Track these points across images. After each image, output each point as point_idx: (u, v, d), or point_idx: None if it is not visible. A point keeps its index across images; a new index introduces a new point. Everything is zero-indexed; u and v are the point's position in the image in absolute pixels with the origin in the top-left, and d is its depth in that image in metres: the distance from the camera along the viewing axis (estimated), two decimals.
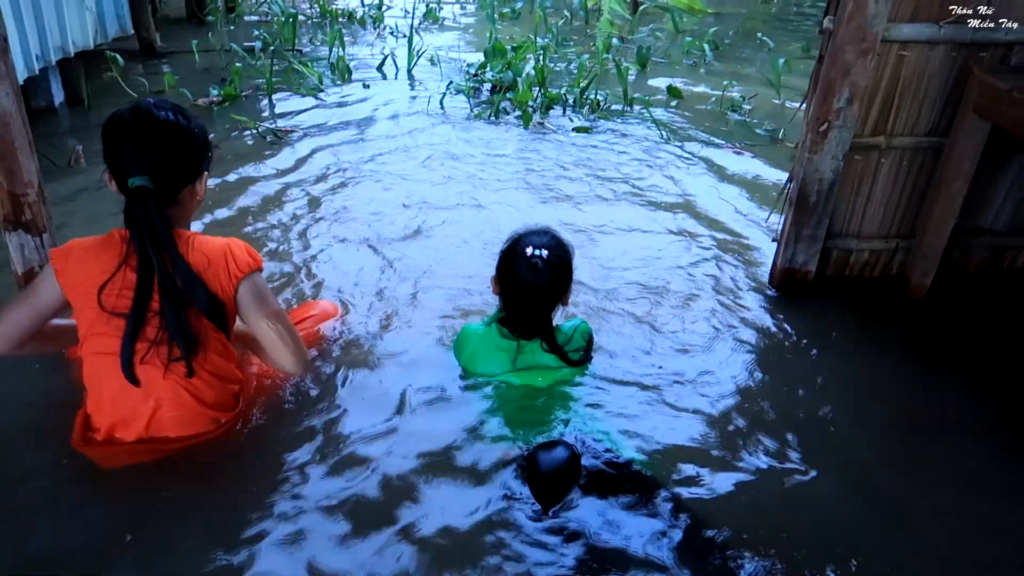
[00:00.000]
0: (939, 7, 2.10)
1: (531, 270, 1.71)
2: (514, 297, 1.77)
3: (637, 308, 2.26)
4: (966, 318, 2.30)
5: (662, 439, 1.72)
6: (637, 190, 3.04)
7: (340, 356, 1.94)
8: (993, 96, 2.00)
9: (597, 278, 2.40)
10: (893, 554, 1.50)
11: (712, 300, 2.32)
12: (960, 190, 2.20)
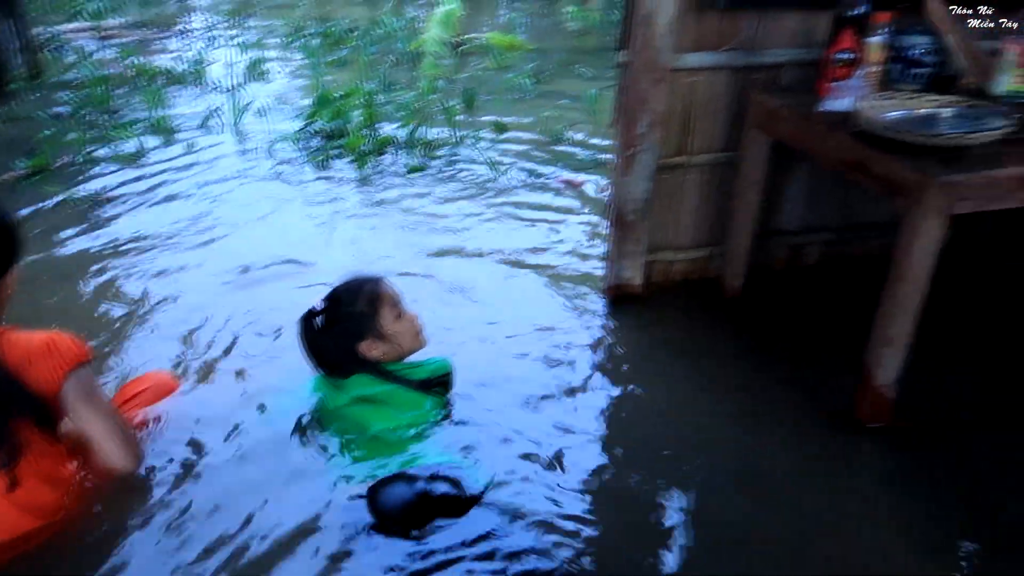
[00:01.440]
0: (717, 37, 2.34)
1: (304, 322, 1.88)
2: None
3: (478, 333, 2.36)
4: (774, 310, 2.56)
5: (506, 460, 1.81)
6: (472, 223, 3.15)
7: (179, 433, 1.89)
8: (768, 113, 2.26)
9: (440, 307, 2.47)
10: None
11: (550, 319, 2.46)
12: (754, 198, 2.45)
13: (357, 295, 1.92)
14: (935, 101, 1.99)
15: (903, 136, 1.80)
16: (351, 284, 1.95)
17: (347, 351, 1.90)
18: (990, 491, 1.85)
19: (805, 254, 2.79)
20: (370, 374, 1.92)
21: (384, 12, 6.75)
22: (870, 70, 2.12)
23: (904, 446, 1.97)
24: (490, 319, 2.47)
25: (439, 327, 2.32)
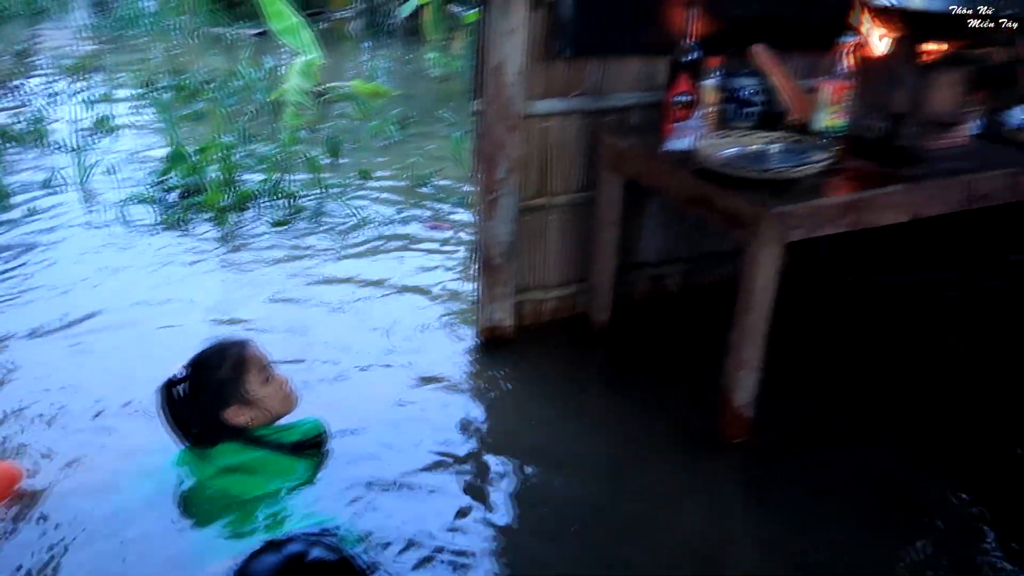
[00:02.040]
0: (566, 84, 2.44)
1: (164, 391, 1.81)
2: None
3: (351, 385, 2.33)
4: (640, 340, 2.66)
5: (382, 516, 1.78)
6: (341, 273, 3.11)
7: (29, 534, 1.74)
8: (619, 154, 2.37)
9: (312, 362, 2.43)
10: None
11: (423, 366, 2.46)
12: (613, 234, 2.55)
13: (221, 360, 1.85)
14: (765, 138, 2.16)
15: (738, 172, 1.94)
16: (214, 348, 1.88)
17: (212, 419, 1.83)
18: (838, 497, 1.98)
19: (666, 284, 2.92)
20: (237, 441, 1.85)
21: (242, 62, 6.60)
22: (707, 111, 2.27)
23: (762, 461, 2.09)
24: (363, 370, 2.44)
25: (310, 384, 2.29)
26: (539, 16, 2.28)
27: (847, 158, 2.10)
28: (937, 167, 2.08)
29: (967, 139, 2.28)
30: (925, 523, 1.87)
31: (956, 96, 2.17)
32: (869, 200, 1.94)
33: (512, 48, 2.22)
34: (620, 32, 2.40)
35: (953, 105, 2.18)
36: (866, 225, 1.98)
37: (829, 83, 2.16)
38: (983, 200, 2.11)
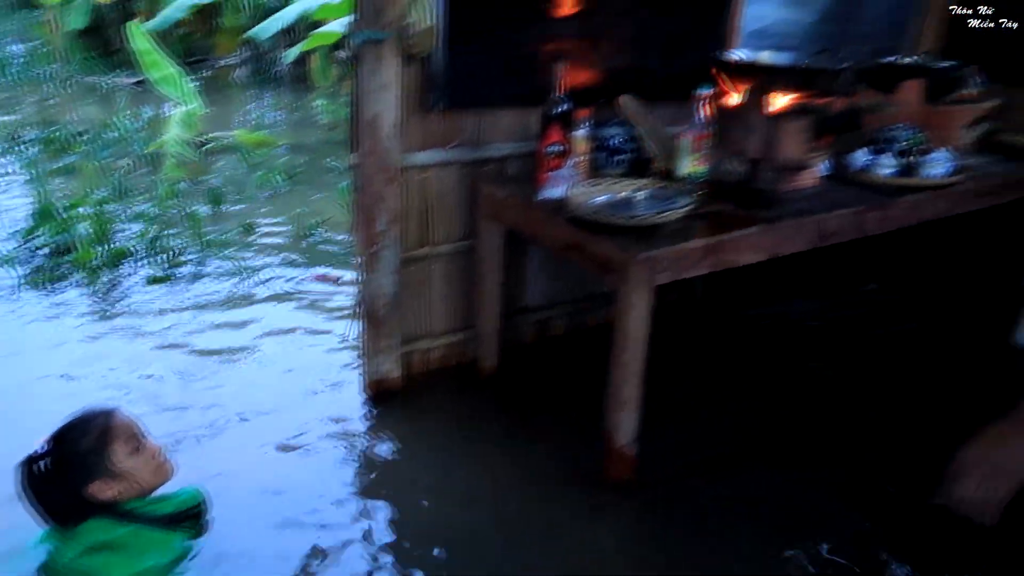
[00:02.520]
0: (443, 135, 2.49)
1: (24, 468, 1.70)
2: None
3: (232, 447, 2.26)
4: (528, 384, 2.69)
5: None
6: (223, 330, 3.01)
7: None
8: (497, 203, 2.42)
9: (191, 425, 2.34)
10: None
11: (308, 425, 2.40)
12: (496, 281, 2.59)
13: (84, 432, 1.75)
14: (633, 184, 2.25)
15: (607, 219, 2.02)
16: (77, 420, 1.78)
17: (76, 496, 1.72)
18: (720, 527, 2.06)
19: (552, 327, 2.98)
20: (106, 518, 1.74)
21: (118, 113, 6.37)
22: (578, 160, 2.35)
23: (646, 497, 2.14)
24: (245, 431, 2.36)
25: (188, 447, 2.20)
26: (412, 71, 2.32)
27: (709, 202, 2.23)
28: (790, 208, 2.24)
29: (817, 181, 2.46)
30: (809, 546, 1.97)
31: (803, 142, 2.35)
32: (729, 242, 2.06)
33: (386, 102, 2.25)
34: (493, 85, 2.47)
35: (801, 150, 2.35)
36: (728, 266, 2.09)
37: (690, 132, 2.29)
38: (833, 237, 2.28)
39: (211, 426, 2.38)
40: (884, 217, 2.36)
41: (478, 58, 2.41)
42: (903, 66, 2.92)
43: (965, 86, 2.96)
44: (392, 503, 2.08)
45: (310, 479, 2.16)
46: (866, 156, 2.54)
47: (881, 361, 2.88)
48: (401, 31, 2.18)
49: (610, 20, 2.62)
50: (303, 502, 2.06)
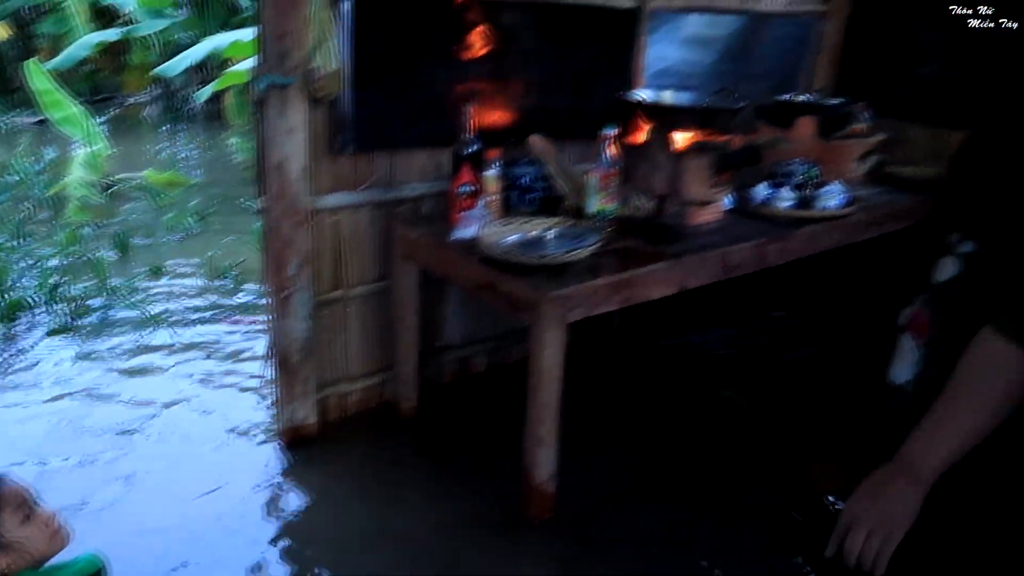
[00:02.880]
0: (354, 177, 2.47)
1: None
2: None
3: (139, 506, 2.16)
4: (449, 424, 2.67)
5: None
6: (129, 382, 2.89)
7: None
8: (410, 244, 2.41)
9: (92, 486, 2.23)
10: None
11: (221, 477, 2.32)
12: (414, 321, 2.57)
13: None
14: (544, 223, 2.29)
15: (518, 259, 2.04)
16: None
17: None
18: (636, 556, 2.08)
19: (472, 364, 2.98)
20: None
21: (17, 155, 6.10)
22: (490, 199, 2.37)
23: (565, 534, 2.14)
24: (152, 488, 2.26)
25: (89, 509, 2.10)
26: (320, 113, 2.30)
27: (618, 239, 2.28)
28: (696, 243, 2.31)
29: (721, 215, 2.55)
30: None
31: (706, 178, 2.43)
32: (638, 277, 2.11)
33: (294, 146, 2.22)
34: (403, 127, 2.48)
35: (705, 186, 2.44)
36: (638, 300, 2.14)
37: (597, 171, 2.34)
38: (737, 270, 2.36)
39: (115, 485, 2.27)
40: (784, 249, 2.47)
41: (387, 100, 2.42)
42: (798, 104, 3.07)
43: (855, 121, 3.13)
44: (306, 555, 2.02)
45: (219, 537, 2.08)
46: (766, 190, 2.65)
47: (788, 386, 2.98)
48: (307, 75, 2.17)
49: (519, 61, 2.67)
50: (211, 561, 1.98)
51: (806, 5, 3.52)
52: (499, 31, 2.58)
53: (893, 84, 3.45)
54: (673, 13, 3.03)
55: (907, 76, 3.43)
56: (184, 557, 1.98)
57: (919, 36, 3.34)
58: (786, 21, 3.47)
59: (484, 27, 2.55)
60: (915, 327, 1.16)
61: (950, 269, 1.11)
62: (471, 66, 2.57)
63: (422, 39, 2.43)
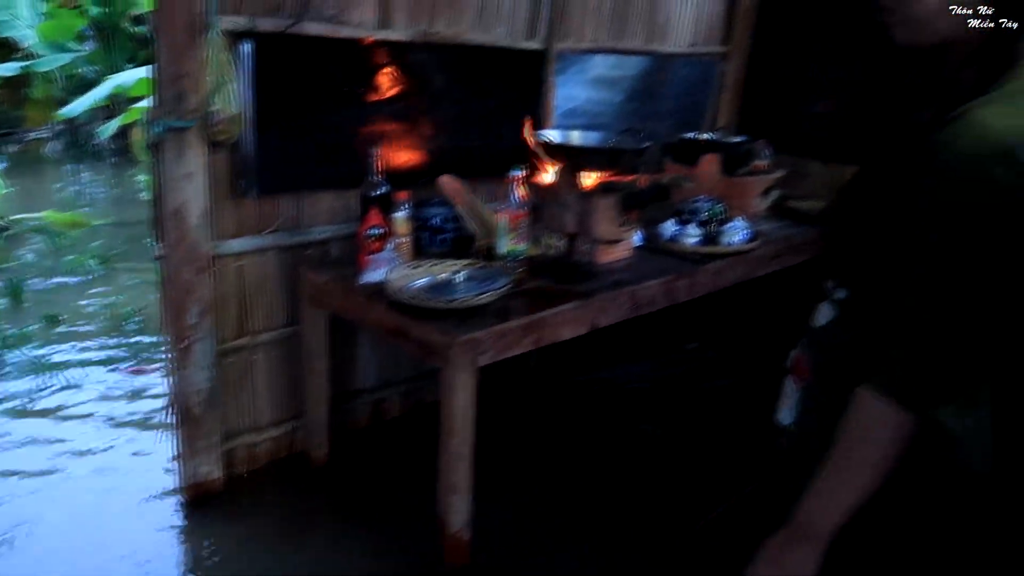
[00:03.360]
0: (259, 221, 2.40)
1: None
2: None
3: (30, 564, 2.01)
4: (363, 471, 2.59)
5: None
6: (16, 440, 2.71)
7: None
8: (318, 288, 2.35)
9: None
10: None
11: (119, 541, 2.19)
12: (324, 366, 2.50)
13: None
14: (454, 266, 2.27)
15: (427, 303, 2.01)
16: None
17: None
18: None
19: (387, 408, 2.92)
20: None
21: None
22: (399, 241, 2.34)
23: None
24: (41, 548, 2.11)
25: None
26: (221, 156, 2.24)
27: (529, 279, 2.28)
28: (606, 281, 2.33)
29: (631, 252, 2.59)
30: None
31: (615, 217, 2.47)
32: (549, 318, 2.11)
33: (193, 191, 2.15)
34: (309, 168, 2.43)
35: (613, 225, 2.47)
36: (549, 342, 2.14)
37: (506, 212, 2.34)
38: (647, 307, 2.39)
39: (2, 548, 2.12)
40: (691, 285, 2.52)
41: (292, 142, 2.37)
42: (702, 141, 3.17)
43: (757, 158, 3.25)
44: None
45: None
46: (674, 227, 2.71)
47: (703, 417, 3.02)
48: (205, 118, 2.10)
49: (428, 101, 2.67)
50: None
51: (709, 46, 3.65)
52: (408, 72, 2.57)
53: (792, 121, 3.60)
54: (580, 54, 3.09)
55: (804, 113, 3.58)
56: None
57: (814, 76, 3.51)
58: (690, 61, 3.59)
59: (392, 68, 2.54)
60: (796, 370, 1.19)
61: (826, 314, 1.14)
62: (379, 107, 2.55)
63: (328, 80, 2.40)
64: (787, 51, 3.62)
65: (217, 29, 2.05)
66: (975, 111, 0.88)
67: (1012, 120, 0.86)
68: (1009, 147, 0.85)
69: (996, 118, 0.87)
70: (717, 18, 3.66)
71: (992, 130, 0.86)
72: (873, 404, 0.96)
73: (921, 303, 0.92)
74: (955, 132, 0.88)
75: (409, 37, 2.55)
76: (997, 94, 0.89)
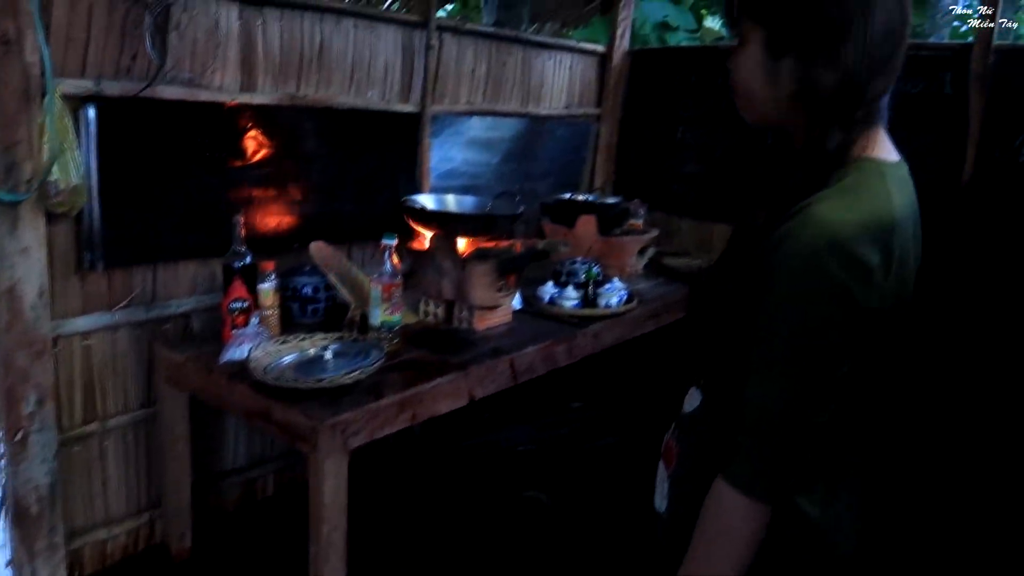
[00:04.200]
0: (108, 296, 2.22)
1: None
2: None
3: None
4: (231, 560, 2.40)
5: None
6: None
7: None
8: (175, 367, 2.19)
9: None
10: None
11: None
12: (185, 449, 2.32)
13: None
14: (325, 339, 2.16)
15: (292, 384, 1.90)
16: None
17: None
18: None
19: (259, 487, 2.73)
20: None
21: None
22: (266, 314, 2.22)
23: None
24: None
25: None
26: (63, 228, 2.06)
27: (405, 350, 2.20)
28: (484, 349, 2.28)
29: (510, 317, 2.56)
30: None
31: (492, 283, 2.43)
32: (425, 393, 2.03)
33: (28, 267, 1.95)
34: (165, 238, 2.28)
35: (491, 291, 2.44)
36: (425, 417, 2.06)
37: (379, 281, 2.26)
38: (526, 374, 2.36)
39: None
40: (571, 349, 2.51)
41: (145, 211, 2.22)
42: (578, 202, 3.22)
43: (632, 217, 3.33)
44: None
45: None
46: (552, 290, 2.71)
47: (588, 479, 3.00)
48: (43, 189, 1.93)
49: (299, 165, 2.58)
50: None
51: (583, 108, 3.74)
52: (275, 136, 2.48)
53: (664, 181, 3.72)
54: (455, 116, 3.09)
55: (675, 173, 3.71)
56: None
57: (682, 138, 3.65)
58: (565, 123, 3.66)
59: (257, 132, 2.44)
60: (666, 456, 1.17)
61: (695, 400, 1.13)
62: (245, 172, 2.44)
63: (186, 145, 2.27)
64: (656, 115, 3.75)
65: (55, 93, 1.90)
66: (812, 206, 0.90)
67: (845, 214, 0.89)
68: (842, 241, 0.87)
69: (831, 212, 0.89)
70: (590, 82, 3.77)
71: (828, 225, 0.88)
72: (727, 495, 0.95)
73: (764, 394, 0.93)
74: (793, 227, 0.90)
75: (275, 101, 2.47)
76: (832, 190, 0.92)
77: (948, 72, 2.86)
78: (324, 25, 2.57)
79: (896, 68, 0.96)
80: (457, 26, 3.06)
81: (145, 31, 2.11)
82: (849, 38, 0.91)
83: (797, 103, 0.97)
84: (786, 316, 0.90)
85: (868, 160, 0.95)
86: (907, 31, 0.95)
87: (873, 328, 0.92)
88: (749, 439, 0.94)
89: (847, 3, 0.91)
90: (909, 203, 0.99)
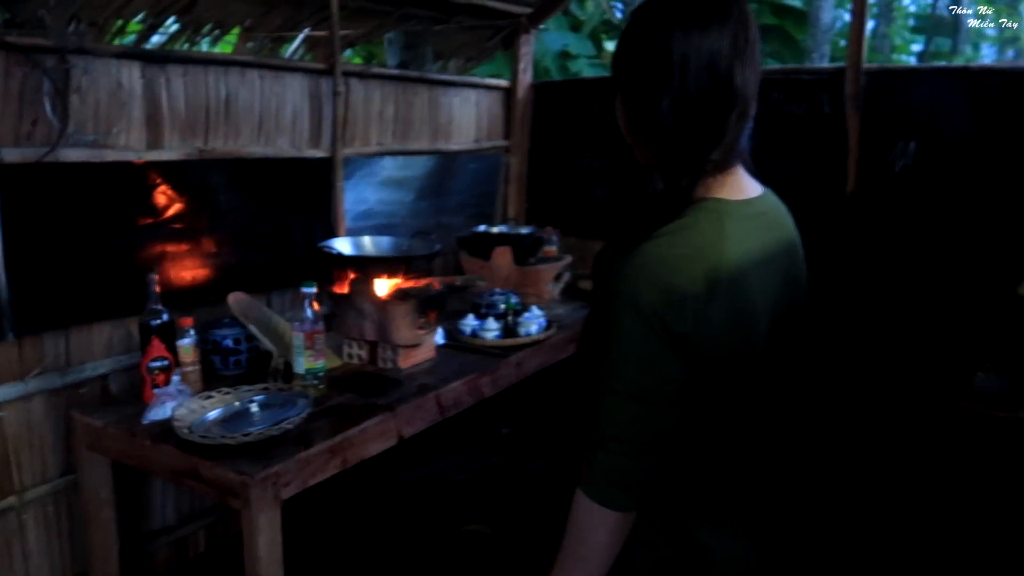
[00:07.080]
0: (20, 365, 2.17)
1: None
2: None
3: None
4: None
5: None
6: None
7: None
8: (96, 432, 2.14)
9: None
10: None
11: None
12: (109, 515, 2.26)
13: None
14: (250, 391, 2.16)
15: (219, 440, 1.90)
16: None
17: None
18: None
19: (191, 544, 2.69)
20: None
21: None
22: (187, 370, 2.21)
23: None
24: None
25: None
26: None
27: (333, 395, 2.23)
28: (410, 388, 2.33)
29: (434, 353, 2.61)
30: None
31: (413, 322, 2.49)
32: (354, 438, 2.06)
33: None
34: (77, 301, 2.25)
35: (411, 329, 2.49)
36: (357, 460, 2.09)
37: (301, 329, 2.28)
38: (453, 409, 2.41)
39: None
40: (495, 379, 2.58)
41: (54, 275, 2.18)
42: (493, 234, 3.31)
43: (546, 244, 3.44)
44: None
45: None
46: (473, 322, 2.78)
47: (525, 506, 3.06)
48: None
49: (212, 217, 2.58)
50: None
51: (492, 142, 3.85)
52: (186, 190, 2.48)
53: (575, 206, 3.85)
54: (367, 158, 3.14)
55: (585, 199, 3.84)
56: None
57: (588, 165, 3.79)
58: (476, 157, 3.76)
59: (167, 188, 2.44)
60: None
61: None
62: (156, 228, 2.43)
63: (94, 206, 2.25)
64: (563, 144, 3.87)
65: None
66: (644, 243, 1.00)
67: (667, 251, 0.99)
68: (658, 274, 0.97)
69: (655, 248, 0.99)
70: (497, 116, 3.88)
71: (648, 259, 0.98)
72: (581, 503, 1.04)
73: (604, 409, 1.02)
74: (626, 260, 1.00)
75: (184, 156, 2.47)
76: (667, 228, 1.01)
77: (826, 94, 3.08)
78: (229, 78, 2.58)
79: (742, 115, 1.03)
80: (362, 71, 3.12)
81: (44, 96, 2.10)
82: (662, 95, 1.01)
83: (651, 149, 1.07)
84: (614, 339, 1.00)
85: (710, 200, 1.04)
86: (744, 82, 1.01)
87: (704, 352, 0.99)
88: (593, 451, 1.04)
89: (659, 65, 1.01)
90: (765, 235, 1.07)
